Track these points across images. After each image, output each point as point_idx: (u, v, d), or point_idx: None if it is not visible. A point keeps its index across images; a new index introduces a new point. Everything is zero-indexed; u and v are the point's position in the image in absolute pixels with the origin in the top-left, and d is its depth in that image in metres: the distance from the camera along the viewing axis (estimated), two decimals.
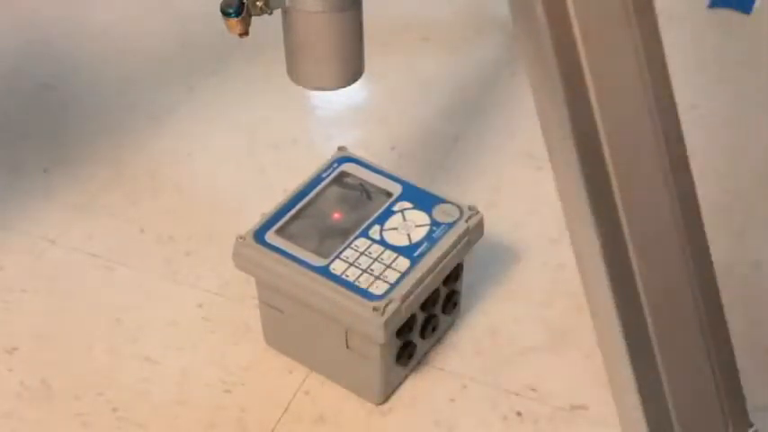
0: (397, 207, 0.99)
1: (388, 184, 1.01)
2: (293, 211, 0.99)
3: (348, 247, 0.96)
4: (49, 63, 1.36)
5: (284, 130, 1.27)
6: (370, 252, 0.95)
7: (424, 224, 0.98)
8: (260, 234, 0.97)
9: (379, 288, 0.92)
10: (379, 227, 0.97)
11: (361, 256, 0.95)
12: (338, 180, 1.02)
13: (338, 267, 0.94)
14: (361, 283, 0.93)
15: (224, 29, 0.91)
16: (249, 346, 1.04)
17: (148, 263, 1.12)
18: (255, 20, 0.91)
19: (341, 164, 1.03)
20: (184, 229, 1.15)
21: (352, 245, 0.96)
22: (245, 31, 0.90)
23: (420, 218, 0.98)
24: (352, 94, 1.30)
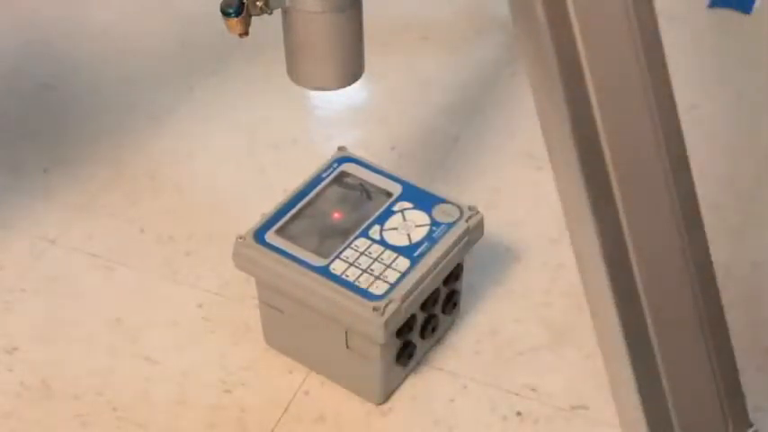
0: (397, 207, 0.99)
1: (388, 184, 1.01)
2: (293, 211, 0.99)
3: (348, 247, 0.96)
4: (49, 63, 1.36)
5: (284, 130, 1.27)
6: (370, 252, 0.95)
7: (424, 224, 0.98)
8: (260, 234, 0.97)
9: (379, 288, 0.92)
10: (379, 227, 0.97)
11: (361, 256, 0.95)
12: (338, 180, 1.02)
13: (338, 267, 0.94)
14: (362, 283, 0.93)
15: (224, 29, 0.91)
16: (249, 346, 1.04)
17: (148, 263, 1.12)
18: (255, 20, 0.91)
19: (341, 164, 1.03)
20: (184, 229, 1.15)
21: (353, 245, 0.96)
22: (245, 31, 0.91)
23: (420, 218, 0.98)
24: (352, 94, 1.30)
